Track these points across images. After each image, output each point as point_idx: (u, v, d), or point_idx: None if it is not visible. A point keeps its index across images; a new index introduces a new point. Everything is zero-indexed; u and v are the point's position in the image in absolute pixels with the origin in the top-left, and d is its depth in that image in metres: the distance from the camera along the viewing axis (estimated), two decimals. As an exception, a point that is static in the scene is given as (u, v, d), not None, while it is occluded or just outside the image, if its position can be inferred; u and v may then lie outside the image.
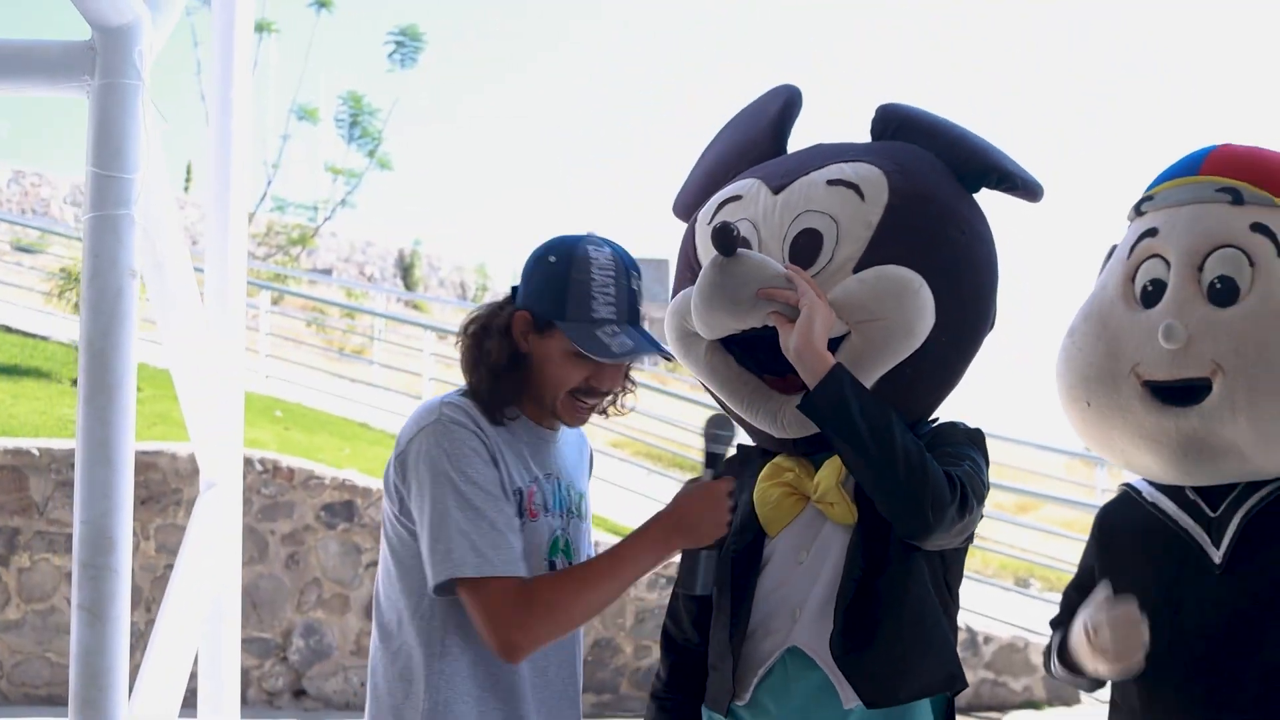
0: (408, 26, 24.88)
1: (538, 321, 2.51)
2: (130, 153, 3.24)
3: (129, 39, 3.25)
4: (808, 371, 2.45)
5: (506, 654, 2.40)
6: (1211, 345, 2.50)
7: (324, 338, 19.58)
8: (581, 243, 2.53)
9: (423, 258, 29.80)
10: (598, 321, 2.49)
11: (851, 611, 2.48)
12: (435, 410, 2.49)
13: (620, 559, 2.47)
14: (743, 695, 2.57)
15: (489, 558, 2.38)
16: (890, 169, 2.64)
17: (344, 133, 25.26)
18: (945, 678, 2.55)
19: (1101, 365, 2.60)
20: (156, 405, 10.81)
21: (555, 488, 2.59)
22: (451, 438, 2.44)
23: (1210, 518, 2.56)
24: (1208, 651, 2.50)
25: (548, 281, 2.51)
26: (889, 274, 2.54)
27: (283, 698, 9.35)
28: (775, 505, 2.61)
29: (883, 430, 2.40)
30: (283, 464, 9.49)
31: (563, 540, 2.58)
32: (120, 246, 3.24)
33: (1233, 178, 2.59)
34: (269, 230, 24.78)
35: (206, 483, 4.13)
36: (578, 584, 2.45)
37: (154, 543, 9.37)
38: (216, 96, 4.23)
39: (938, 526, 2.41)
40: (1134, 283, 2.63)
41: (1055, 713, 9.67)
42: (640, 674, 9.31)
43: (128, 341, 3.26)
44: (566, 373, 2.52)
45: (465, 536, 2.38)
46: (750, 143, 2.87)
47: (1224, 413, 2.49)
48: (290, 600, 9.39)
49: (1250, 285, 2.52)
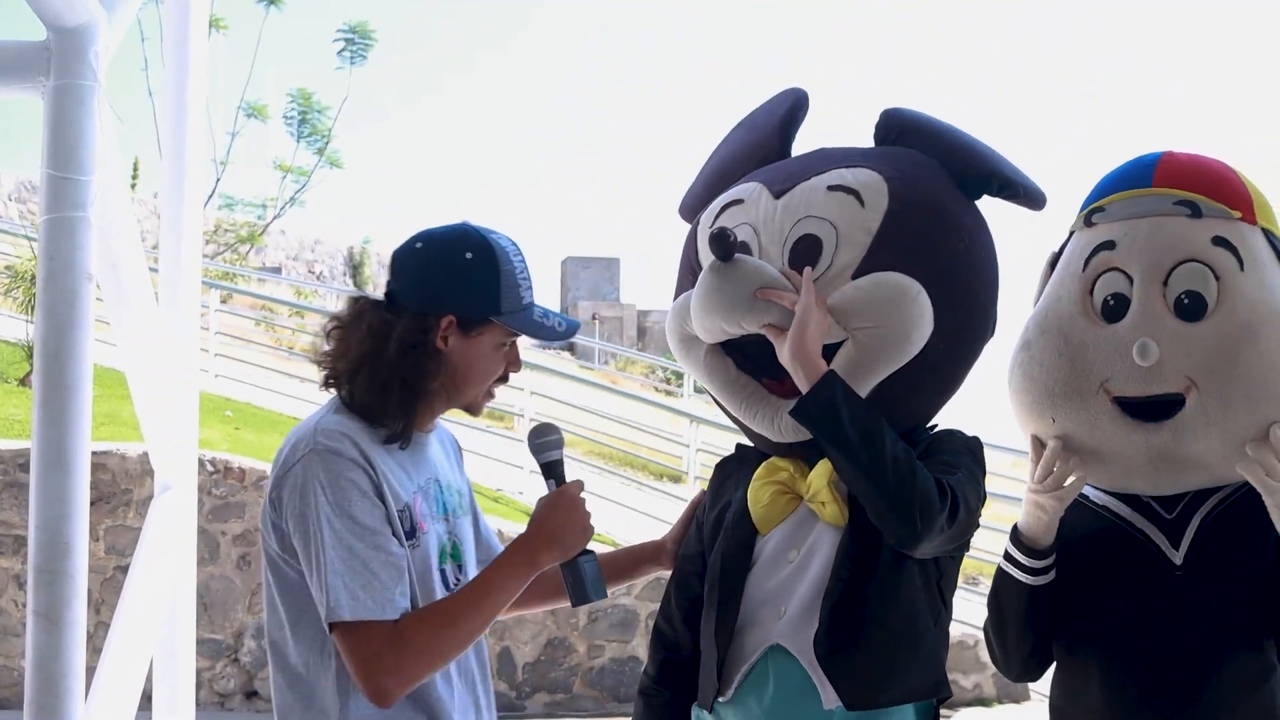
0: (357, 24, 24.86)
1: (465, 322, 2.47)
2: (86, 154, 3.21)
3: (84, 39, 3.22)
4: (801, 377, 2.47)
5: (377, 700, 2.33)
6: (1184, 361, 2.50)
7: (273, 336, 19.47)
8: (484, 234, 2.49)
9: (372, 256, 29.71)
10: (529, 307, 2.50)
11: (837, 612, 2.49)
12: (309, 438, 2.39)
13: (485, 589, 2.42)
14: (726, 691, 2.57)
15: (362, 601, 2.31)
16: (891, 175, 2.65)
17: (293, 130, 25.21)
18: (930, 684, 2.55)
19: (1068, 382, 2.59)
20: (105, 405, 10.69)
21: (436, 491, 2.55)
22: (328, 469, 2.35)
23: (1166, 519, 2.59)
24: (1170, 652, 2.51)
25: (473, 279, 2.46)
26: (887, 281, 2.55)
27: (234, 699, 9.31)
28: (768, 504, 2.62)
29: (872, 437, 2.41)
30: (234, 464, 9.45)
31: (449, 544, 2.55)
32: (76, 249, 3.20)
33: (1186, 190, 2.59)
34: (217, 228, 24.65)
35: (162, 485, 4.10)
36: (444, 621, 2.37)
37: (104, 544, 9.29)
38: (171, 95, 4.18)
39: (926, 534, 2.41)
40: (1092, 295, 2.62)
41: (1004, 710, 9.74)
42: (593, 674, 9.31)
43: (83, 345, 3.23)
44: (494, 365, 2.52)
45: (340, 578, 2.31)
46: (756, 145, 2.88)
47: (1197, 427, 2.50)
48: (242, 601, 9.34)
49: (1216, 300, 2.52)
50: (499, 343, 2.50)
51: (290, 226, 27.50)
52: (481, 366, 2.51)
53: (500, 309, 2.47)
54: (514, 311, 2.48)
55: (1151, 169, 2.65)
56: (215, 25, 23.32)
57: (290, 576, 2.43)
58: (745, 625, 2.58)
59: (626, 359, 23.52)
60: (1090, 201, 2.70)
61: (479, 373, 2.51)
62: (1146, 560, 2.58)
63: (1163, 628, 2.52)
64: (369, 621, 2.31)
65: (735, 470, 2.77)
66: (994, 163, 2.73)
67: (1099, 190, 2.70)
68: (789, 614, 2.53)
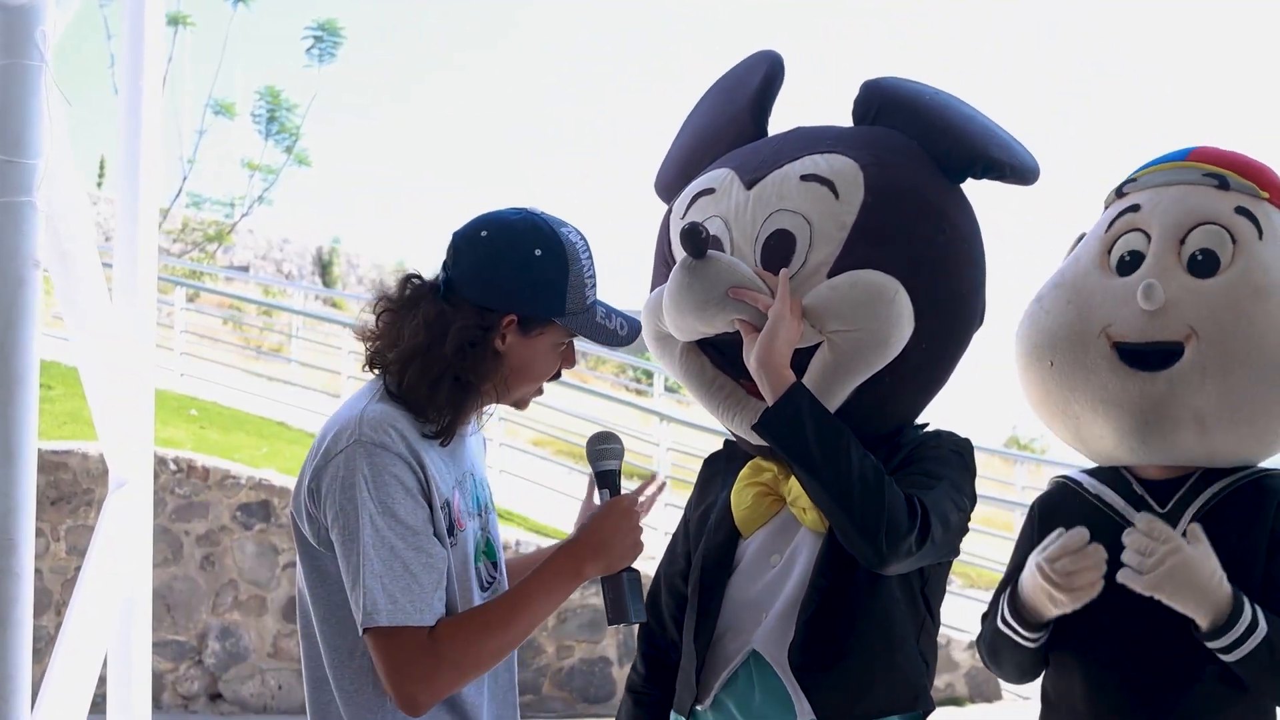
0: (326, 21, 24.75)
1: (526, 322, 2.34)
2: (32, 137, 3.12)
3: (30, 18, 3.13)
4: (766, 388, 2.36)
5: (408, 707, 2.24)
6: (1188, 310, 2.48)
7: (241, 335, 19.38)
8: (555, 229, 2.36)
9: (341, 255, 29.59)
10: (592, 308, 2.38)
11: (814, 622, 2.40)
12: (355, 428, 2.26)
13: (527, 599, 2.31)
14: (704, 699, 2.49)
15: (401, 605, 2.21)
16: (866, 162, 2.50)
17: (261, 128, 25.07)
18: (909, 697, 2.46)
19: (1070, 325, 2.57)
20: (67, 404, 10.61)
21: (472, 485, 2.46)
22: (373, 462, 2.23)
23: (1159, 514, 2.53)
24: (1160, 648, 2.46)
25: (541, 278, 2.33)
26: (863, 280, 2.42)
27: (198, 701, 9.22)
28: (751, 506, 2.53)
29: (837, 454, 2.30)
30: (198, 463, 9.37)
31: (483, 540, 2.45)
32: (21, 236, 3.12)
33: (1219, 166, 2.62)
34: (185, 226, 24.52)
35: (116, 481, 4.02)
36: (482, 630, 2.27)
37: (64, 544, 9.21)
38: (126, 85, 4.12)
39: (892, 557, 2.30)
40: (1110, 254, 2.61)
41: (977, 709, 9.74)
42: (562, 674, 9.24)
43: (29, 335, 3.15)
44: (549, 365, 2.41)
45: (378, 580, 2.20)
46: (729, 121, 2.74)
47: (1193, 379, 2.47)
48: (205, 602, 9.26)
49: (1231, 260, 2.52)
50: (558, 342, 2.39)
51: (258, 225, 27.37)
52: (537, 366, 2.40)
53: (565, 310, 2.35)
54: (577, 313, 2.36)
55: (1188, 150, 2.68)
56: (182, 22, 23.19)
57: (326, 569, 2.31)
58: (726, 630, 2.49)
59: (597, 358, 23.43)
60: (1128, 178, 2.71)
61: (533, 372, 2.40)
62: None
63: (1148, 626, 2.47)
64: (405, 627, 2.21)
65: (723, 468, 2.68)
66: (978, 143, 2.56)
67: (1138, 169, 2.72)
68: (768, 620, 2.45)
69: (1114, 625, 2.49)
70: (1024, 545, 2.68)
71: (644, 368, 20.17)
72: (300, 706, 2.49)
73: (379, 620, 2.20)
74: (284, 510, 9.24)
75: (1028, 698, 9.49)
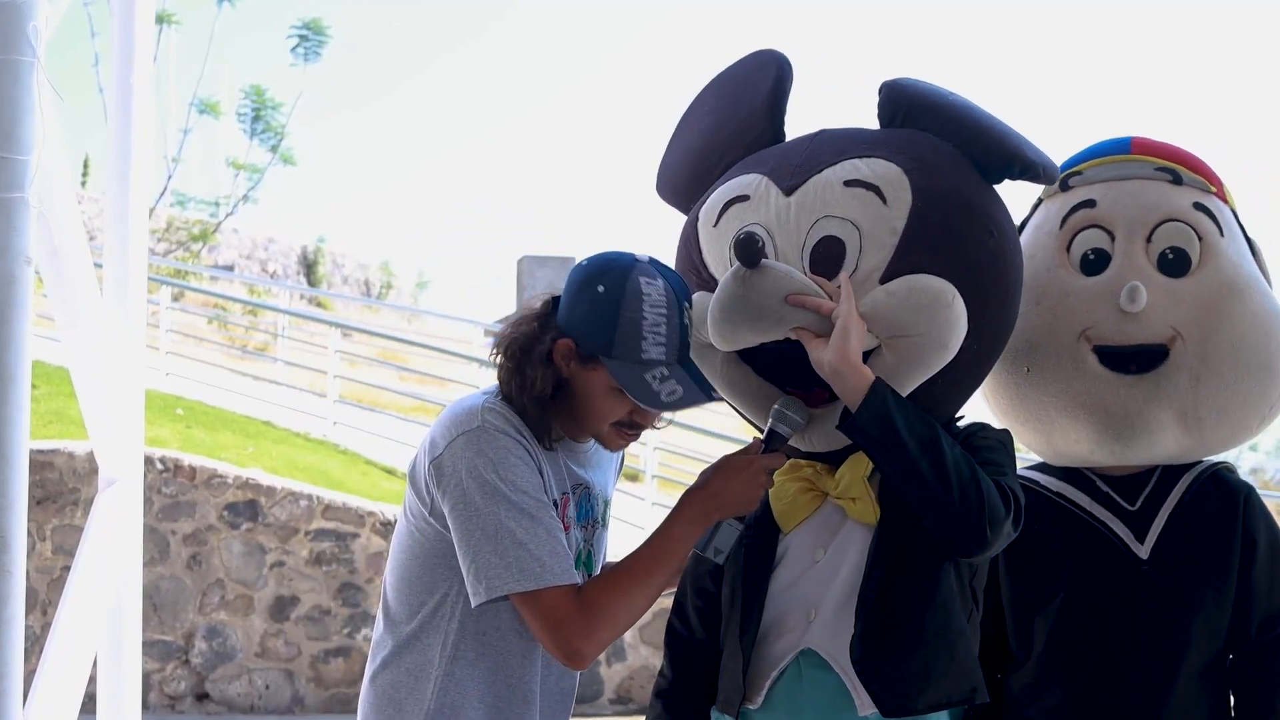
0: (311, 20, 24.71)
1: (582, 352, 2.41)
2: (24, 133, 3.09)
3: (22, 13, 3.10)
4: (847, 388, 2.33)
5: (572, 662, 2.37)
6: (1171, 312, 2.48)
7: (226, 335, 19.34)
8: (633, 273, 2.39)
9: (326, 254, 29.51)
10: (646, 364, 2.39)
11: (873, 615, 2.37)
12: (476, 415, 2.41)
13: (664, 546, 2.40)
14: (755, 698, 2.46)
15: (549, 566, 2.33)
16: (910, 167, 2.47)
17: (246, 127, 25.00)
18: (967, 689, 2.43)
19: (1047, 330, 2.56)
20: (52, 403, 10.58)
21: (585, 498, 2.54)
22: (495, 445, 2.36)
23: (1130, 511, 2.53)
24: (1135, 647, 2.46)
25: (595, 313, 2.39)
26: (921, 286, 2.40)
27: (185, 701, 9.19)
28: (791, 500, 2.51)
29: (932, 446, 2.29)
30: (184, 462, 9.33)
31: (584, 553, 2.54)
32: (13, 232, 3.09)
33: (1164, 159, 2.62)
34: (170, 226, 24.44)
35: (106, 480, 4.01)
36: (628, 582, 2.39)
37: (51, 544, 9.19)
38: (116, 82, 4.10)
39: (995, 542, 2.32)
40: (1069, 251, 2.60)
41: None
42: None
43: (21, 332, 3.12)
44: (610, 407, 2.45)
45: (523, 547, 2.32)
46: (743, 123, 2.69)
47: (1180, 380, 2.47)
48: (192, 602, 9.22)
49: (1200, 259, 2.52)
50: (612, 386, 2.41)
51: (243, 224, 27.30)
52: (596, 403, 2.45)
53: (611, 353, 2.39)
54: (624, 360, 2.38)
55: (1128, 141, 2.67)
56: (168, 20, 23.10)
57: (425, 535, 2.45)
58: (771, 627, 2.47)
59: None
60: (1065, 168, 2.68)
61: (596, 409, 2.46)
62: (1110, 554, 2.52)
63: (1127, 625, 2.47)
64: (554, 587, 2.34)
65: None
66: (1015, 144, 2.53)
67: (1072, 161, 2.69)
68: (820, 616, 2.42)
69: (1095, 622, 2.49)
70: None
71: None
72: (287, 706, 2.53)
73: (527, 584, 2.33)
74: (270, 510, 9.22)
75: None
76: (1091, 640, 2.49)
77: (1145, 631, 2.46)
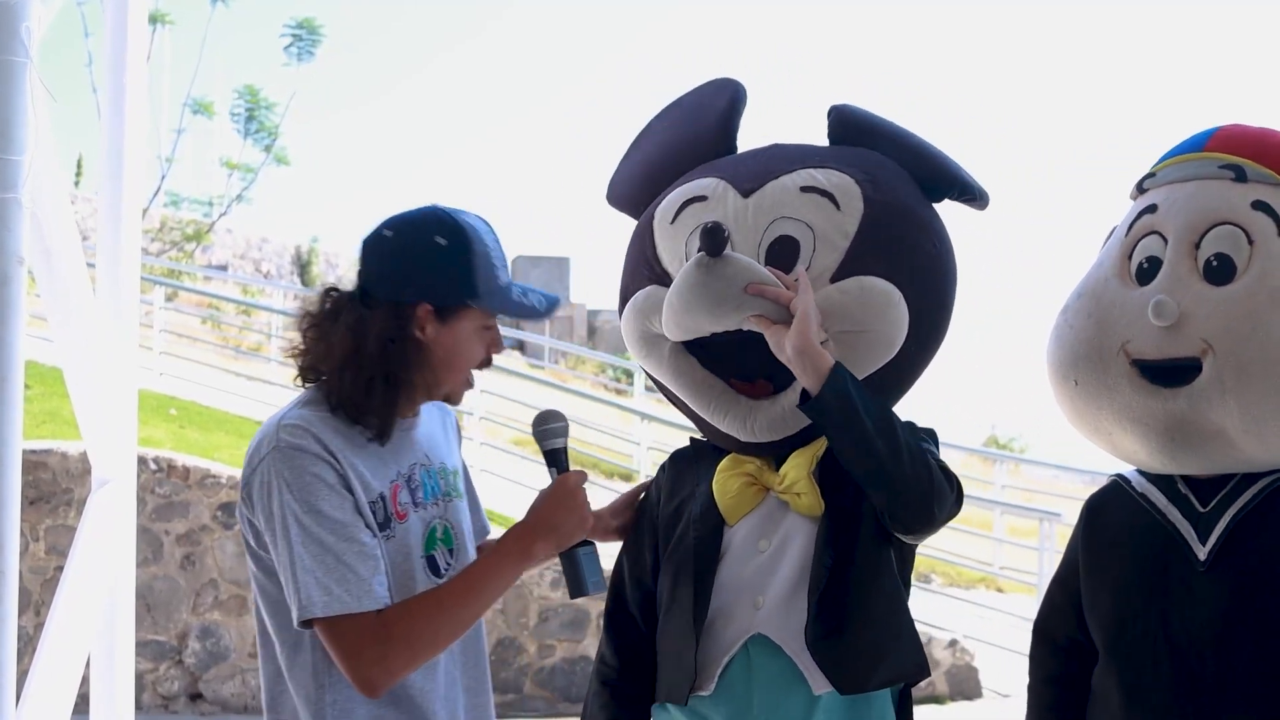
0: (305, 20, 24.74)
1: (441, 310, 2.42)
2: (18, 133, 3.10)
3: (15, 14, 3.11)
4: (809, 371, 2.43)
5: (366, 691, 2.33)
6: (1203, 324, 2.42)
7: (220, 335, 19.31)
8: (452, 216, 2.45)
9: (320, 254, 29.50)
10: (506, 287, 2.46)
11: (825, 600, 2.48)
12: (274, 435, 2.37)
13: (478, 578, 2.41)
14: (706, 685, 2.54)
15: (337, 595, 2.29)
16: (861, 178, 2.64)
17: (240, 127, 25.04)
18: (914, 665, 2.58)
19: (1091, 342, 2.54)
20: (46, 403, 10.56)
21: (424, 476, 2.51)
22: (292, 465, 2.33)
23: (1199, 513, 2.49)
24: (1193, 651, 2.42)
25: (449, 264, 2.41)
26: (870, 286, 2.56)
27: (178, 701, 9.18)
28: (736, 495, 2.61)
29: (887, 427, 2.43)
30: (178, 463, 9.33)
31: (440, 528, 2.52)
32: (7, 232, 3.10)
33: (1237, 155, 2.52)
34: (163, 226, 24.44)
35: (99, 480, 4.01)
36: (433, 610, 2.36)
37: (44, 544, 9.17)
38: (109, 82, 4.10)
39: (940, 519, 2.47)
40: (1130, 259, 2.56)
41: (958, 707, 9.74)
42: (544, 673, 9.23)
43: (15, 332, 3.13)
44: (474, 350, 2.48)
45: (310, 574, 2.30)
46: (696, 137, 2.82)
47: (1213, 395, 2.41)
48: (186, 602, 9.22)
49: (1247, 264, 2.44)
50: (479, 326, 2.46)
51: (237, 224, 27.28)
52: (463, 352, 2.46)
53: (477, 292, 2.43)
54: (491, 293, 2.44)
55: (1208, 136, 2.59)
56: (161, 20, 23.11)
57: (270, 569, 2.41)
58: (716, 617, 2.55)
59: (577, 358, 23.42)
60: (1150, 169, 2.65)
61: (461, 359, 2.47)
62: (1174, 555, 2.47)
63: (1183, 626, 2.43)
64: (347, 615, 2.29)
65: (691, 464, 2.73)
66: (953, 168, 2.75)
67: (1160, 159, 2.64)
68: (768, 604, 2.53)
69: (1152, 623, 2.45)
70: (1071, 547, 2.65)
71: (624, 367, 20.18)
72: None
73: (315, 612, 2.30)
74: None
75: (1008, 695, 9.52)
76: (1155, 640, 2.45)
77: (1205, 632, 2.41)
